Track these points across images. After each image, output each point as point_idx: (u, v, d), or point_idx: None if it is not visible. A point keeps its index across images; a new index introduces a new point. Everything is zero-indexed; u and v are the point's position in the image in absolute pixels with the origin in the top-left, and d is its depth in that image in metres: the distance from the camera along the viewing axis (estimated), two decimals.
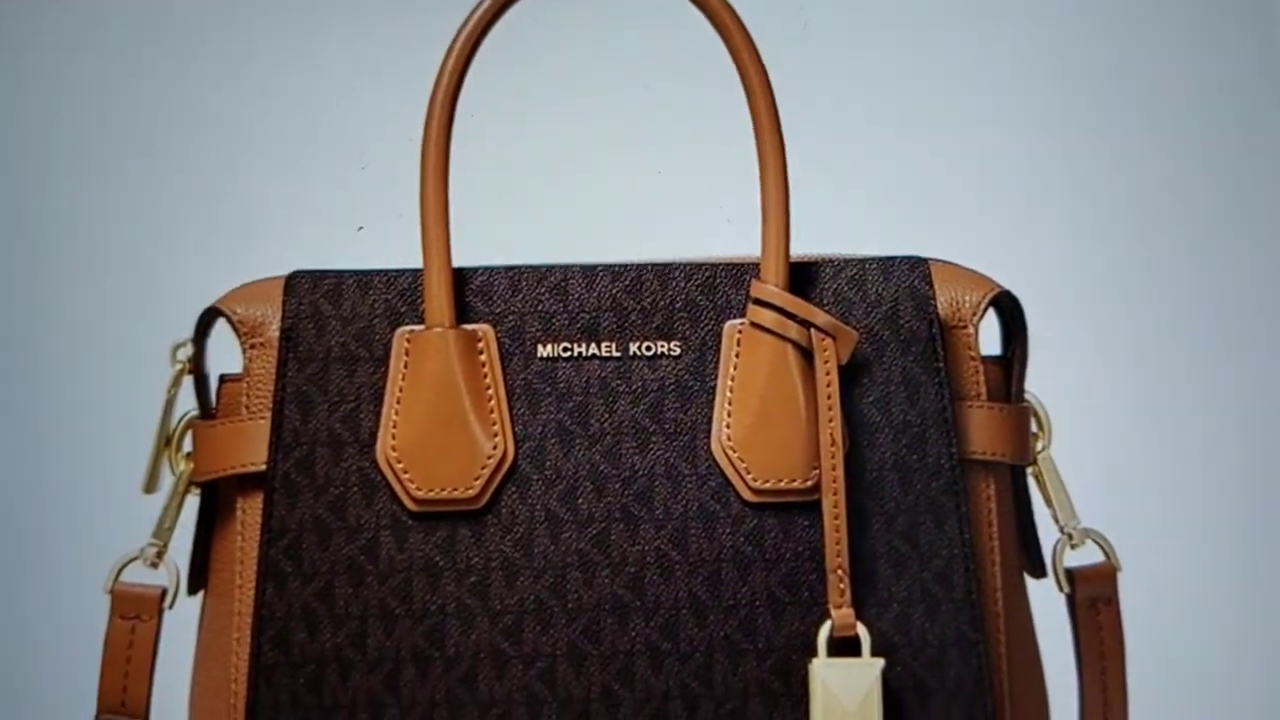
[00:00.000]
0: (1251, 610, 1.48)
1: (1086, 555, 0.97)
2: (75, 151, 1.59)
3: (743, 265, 0.93)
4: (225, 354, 0.95)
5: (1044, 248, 1.53)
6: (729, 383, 0.91)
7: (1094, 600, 0.97)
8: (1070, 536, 0.96)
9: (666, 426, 0.91)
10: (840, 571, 0.87)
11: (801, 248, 0.93)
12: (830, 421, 0.88)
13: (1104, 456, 1.37)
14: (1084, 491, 0.97)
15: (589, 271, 0.93)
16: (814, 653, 0.87)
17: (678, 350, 0.92)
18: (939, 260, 0.95)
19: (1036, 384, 0.95)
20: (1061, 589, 0.97)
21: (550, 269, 0.94)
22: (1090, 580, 0.97)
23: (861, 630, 0.87)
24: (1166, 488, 1.53)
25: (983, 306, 0.94)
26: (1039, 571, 0.97)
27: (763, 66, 0.92)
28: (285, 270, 0.94)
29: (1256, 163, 1.61)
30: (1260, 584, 1.50)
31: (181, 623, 0.96)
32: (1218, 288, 1.59)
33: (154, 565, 0.95)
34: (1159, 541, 1.34)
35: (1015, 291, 0.95)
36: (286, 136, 1.59)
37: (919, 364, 0.92)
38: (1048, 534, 0.96)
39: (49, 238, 1.59)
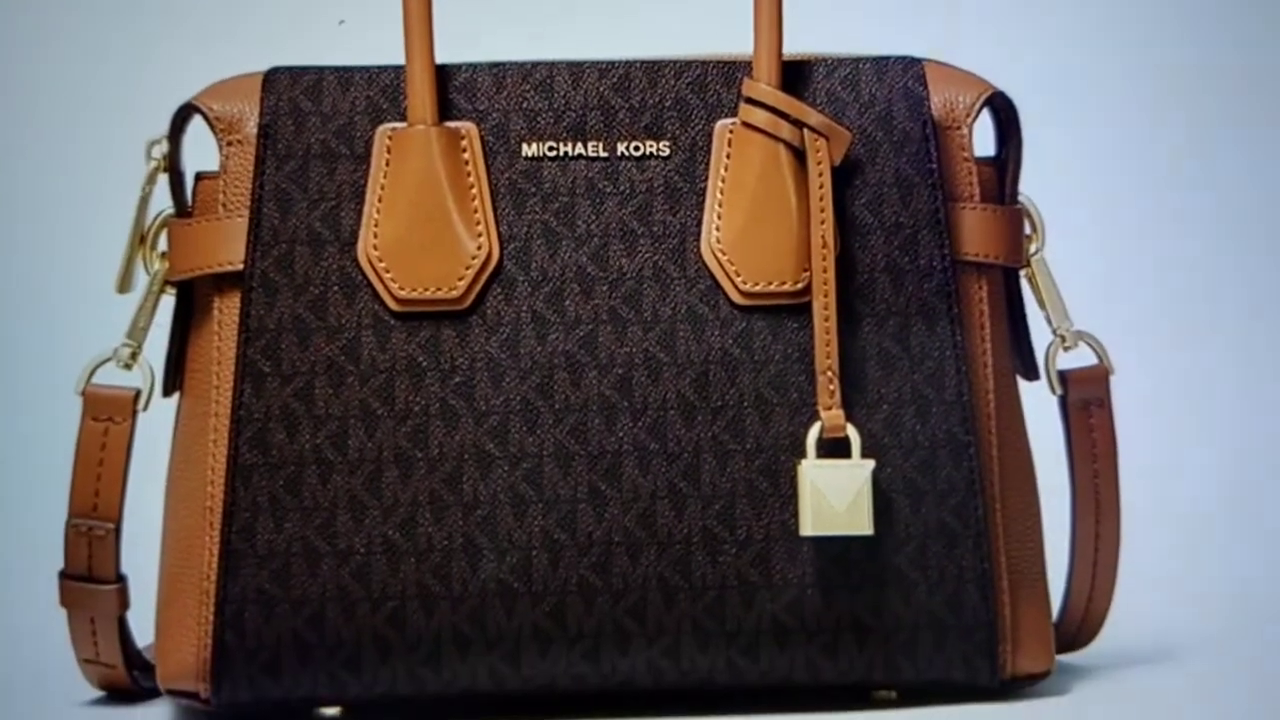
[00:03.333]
0: (1247, 410, 1.49)
1: (1079, 357, 0.97)
2: None
3: (734, 63, 0.91)
4: (201, 153, 0.92)
5: (1039, 48, 1.52)
6: (719, 184, 0.90)
7: (1086, 402, 0.97)
8: (1063, 339, 0.96)
9: (655, 228, 0.90)
10: (830, 373, 0.86)
11: (794, 46, 0.91)
12: (822, 223, 0.87)
13: (1098, 258, 1.36)
14: (1077, 294, 0.96)
15: (575, 68, 0.91)
16: (803, 454, 0.87)
17: (667, 150, 0.90)
18: (933, 61, 0.93)
19: (1030, 185, 0.94)
20: (1054, 391, 0.97)
21: (535, 65, 0.91)
22: (1083, 382, 0.97)
23: (851, 431, 0.86)
24: (1160, 289, 1.53)
25: (977, 107, 0.92)
26: (1031, 374, 0.96)
27: None
28: (264, 67, 0.92)
29: None
30: (1258, 384, 1.50)
31: (156, 425, 0.95)
32: (1223, 85, 1.58)
33: (128, 367, 0.94)
34: (1152, 343, 1.34)
35: (1009, 93, 0.93)
36: None
37: (912, 165, 0.90)
38: (1040, 336, 0.96)
39: (18, 32, 1.56)
